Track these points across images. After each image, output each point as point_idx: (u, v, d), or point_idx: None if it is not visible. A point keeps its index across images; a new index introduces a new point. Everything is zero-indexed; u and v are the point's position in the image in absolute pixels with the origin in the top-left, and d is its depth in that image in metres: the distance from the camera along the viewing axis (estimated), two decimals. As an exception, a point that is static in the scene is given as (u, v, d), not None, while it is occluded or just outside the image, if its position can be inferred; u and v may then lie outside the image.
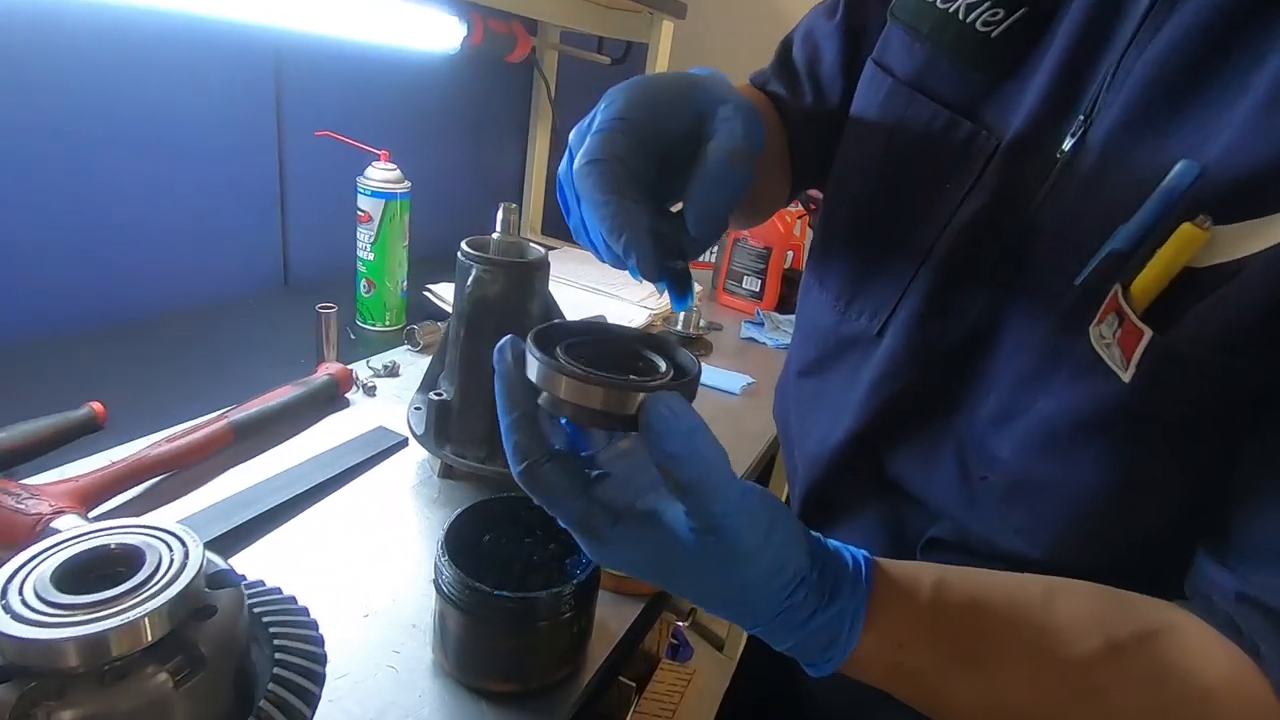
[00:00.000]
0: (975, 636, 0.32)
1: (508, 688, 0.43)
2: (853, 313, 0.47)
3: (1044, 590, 0.33)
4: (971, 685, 0.32)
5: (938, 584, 0.33)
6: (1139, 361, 0.31)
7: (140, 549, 0.31)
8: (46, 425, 0.59)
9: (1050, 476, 0.36)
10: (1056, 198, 0.37)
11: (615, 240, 0.32)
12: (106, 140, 0.79)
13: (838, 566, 0.32)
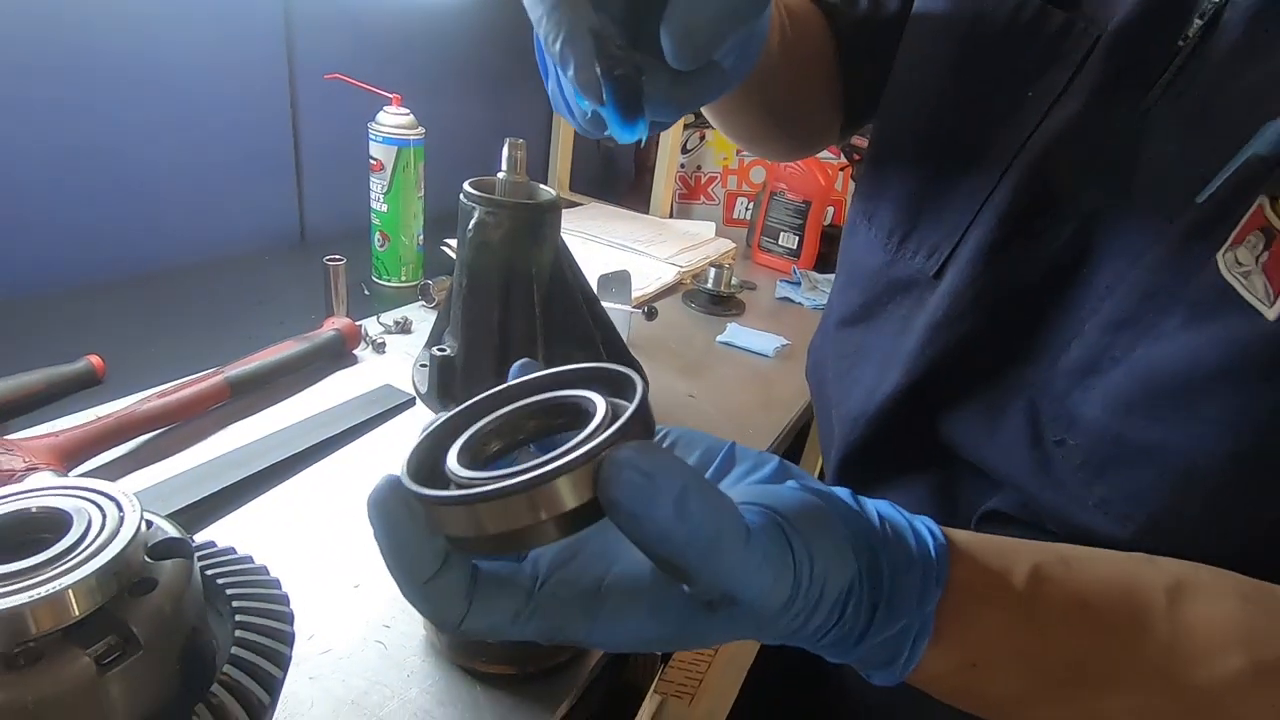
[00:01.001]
0: (1076, 656, 0.25)
1: (503, 670, 0.39)
2: (907, 250, 0.41)
3: (1170, 585, 0.26)
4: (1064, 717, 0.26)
5: (1034, 576, 0.26)
6: None
7: (67, 513, 0.27)
8: (39, 378, 0.57)
9: (1152, 440, 0.29)
10: (1175, 97, 0.30)
11: (552, 47, 0.26)
12: (111, 85, 0.76)
13: (898, 559, 0.25)
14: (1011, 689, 0.26)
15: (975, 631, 0.25)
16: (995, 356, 0.36)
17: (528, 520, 0.20)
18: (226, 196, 0.91)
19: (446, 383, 0.56)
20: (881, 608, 0.24)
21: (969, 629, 0.25)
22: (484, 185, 0.53)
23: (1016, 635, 0.26)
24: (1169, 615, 0.25)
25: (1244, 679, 0.24)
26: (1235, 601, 0.26)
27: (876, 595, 0.24)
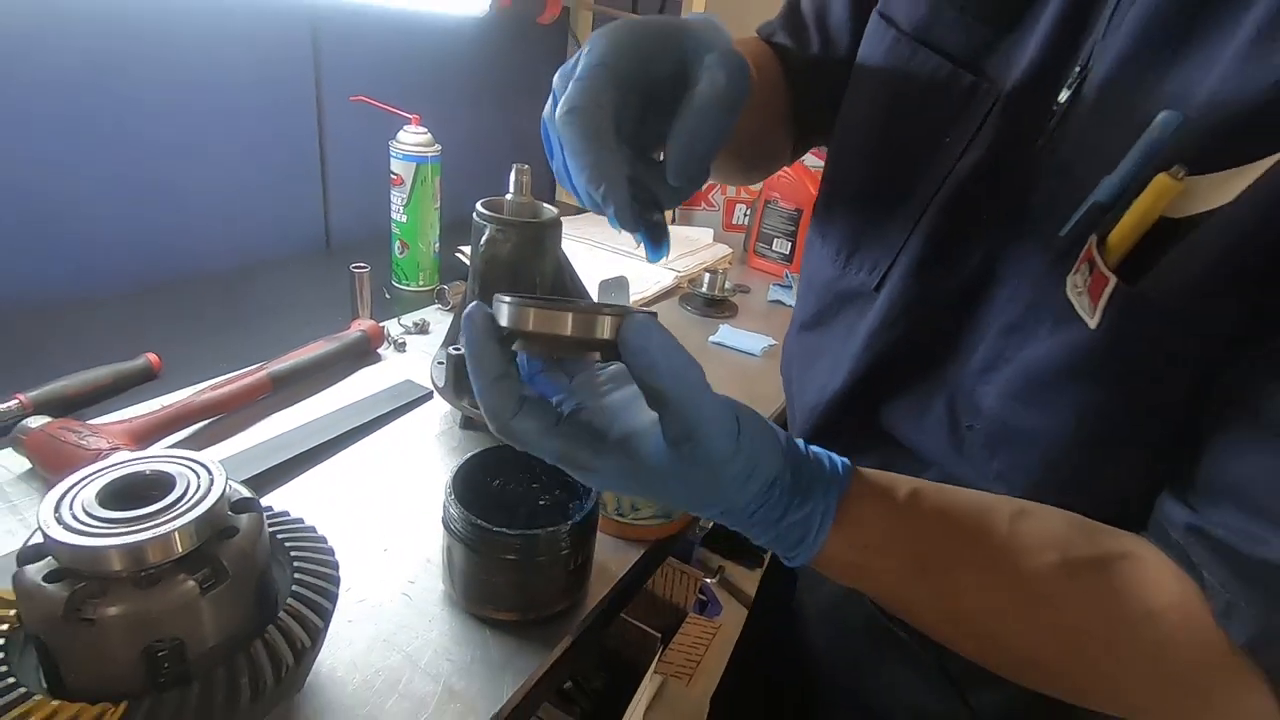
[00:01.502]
0: (938, 545, 0.34)
1: (508, 616, 0.47)
2: (853, 266, 0.48)
3: (1014, 510, 0.34)
4: (929, 591, 0.34)
5: (912, 494, 0.35)
6: (1104, 309, 0.31)
7: (172, 475, 0.35)
8: (106, 373, 0.65)
9: (1027, 424, 0.37)
10: (1051, 150, 0.37)
11: (594, 189, 0.34)
12: (160, 110, 0.84)
13: (815, 470, 0.34)
14: (889, 569, 0.34)
15: (865, 525, 0.34)
16: (922, 358, 0.43)
17: (575, 333, 0.29)
18: (260, 207, 1.00)
19: (461, 378, 0.63)
20: (799, 497, 0.33)
21: (860, 522, 0.34)
22: (494, 205, 0.61)
23: (894, 529, 0.34)
24: (1009, 525, 0.33)
25: (1057, 570, 0.32)
26: (1060, 522, 0.34)
27: (795, 488, 0.33)
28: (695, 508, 0.33)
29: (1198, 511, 0.31)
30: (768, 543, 0.34)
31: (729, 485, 0.31)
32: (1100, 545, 0.33)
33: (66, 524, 0.31)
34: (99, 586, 0.31)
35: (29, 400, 0.59)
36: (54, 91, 0.75)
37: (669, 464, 0.30)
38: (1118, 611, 0.32)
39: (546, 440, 0.31)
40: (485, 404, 0.31)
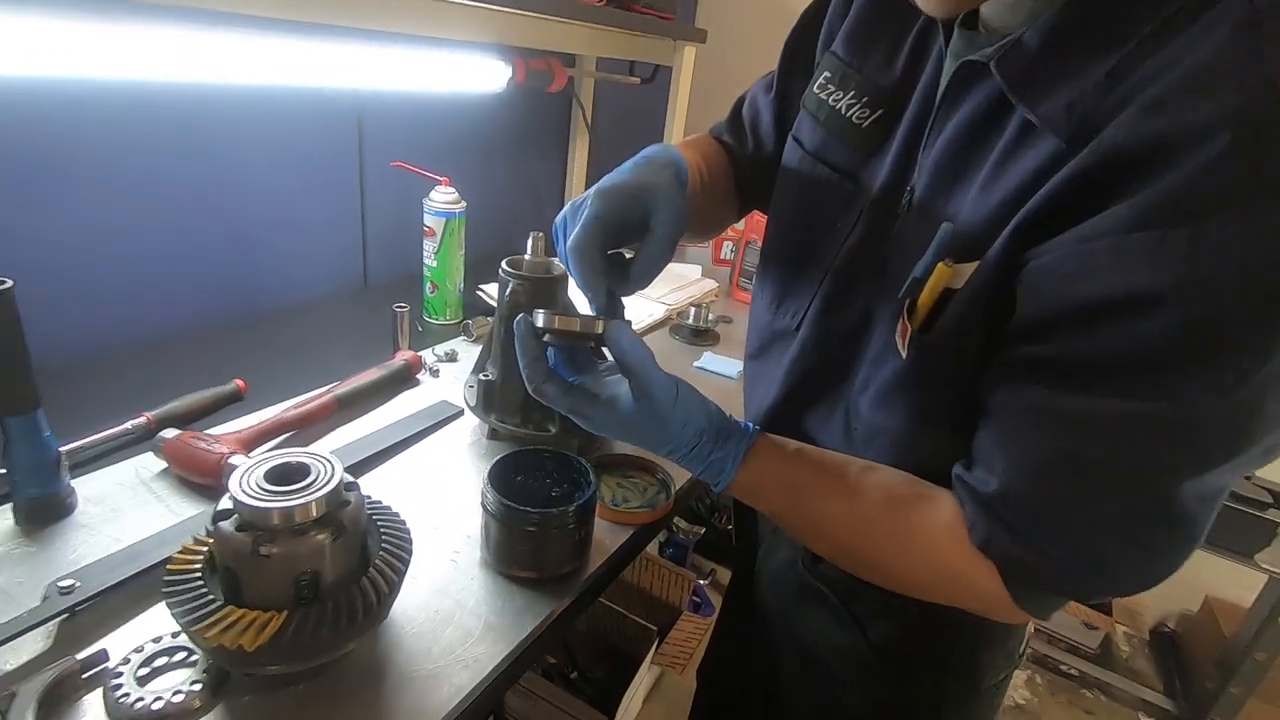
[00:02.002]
0: (807, 482, 0.53)
1: (529, 575, 0.63)
2: (781, 313, 0.65)
3: (864, 466, 0.53)
4: (798, 510, 0.54)
5: (797, 450, 0.55)
6: (907, 347, 0.48)
7: (309, 464, 0.51)
8: (208, 395, 0.82)
9: (883, 424, 0.54)
10: (897, 238, 0.53)
11: (584, 291, 0.54)
12: (236, 179, 1.02)
13: (733, 428, 0.54)
14: (775, 495, 0.55)
15: (761, 465, 0.54)
16: (827, 381, 0.60)
17: (580, 329, 0.50)
18: (310, 254, 1.18)
19: (489, 398, 0.80)
20: (719, 443, 0.53)
21: (759, 463, 0.54)
22: (515, 263, 0.78)
23: (780, 470, 0.54)
24: (857, 474, 0.52)
25: (880, 501, 0.51)
26: (894, 475, 0.52)
27: (717, 437, 0.53)
28: (655, 446, 0.52)
29: (968, 470, 0.48)
30: (699, 473, 0.54)
31: (673, 429, 0.51)
32: (915, 489, 0.51)
33: (247, 493, 0.48)
34: (268, 535, 0.48)
35: (154, 417, 0.76)
36: (159, 164, 0.94)
37: (635, 414, 0.50)
38: (912, 526, 0.50)
39: (561, 398, 0.51)
40: (526, 374, 0.52)
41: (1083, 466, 0.42)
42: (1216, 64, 0.36)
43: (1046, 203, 0.41)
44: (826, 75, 0.60)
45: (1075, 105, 0.41)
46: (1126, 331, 0.38)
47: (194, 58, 0.78)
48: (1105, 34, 0.40)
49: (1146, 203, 0.37)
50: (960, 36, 0.49)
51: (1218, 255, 0.35)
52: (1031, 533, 0.44)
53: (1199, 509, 0.41)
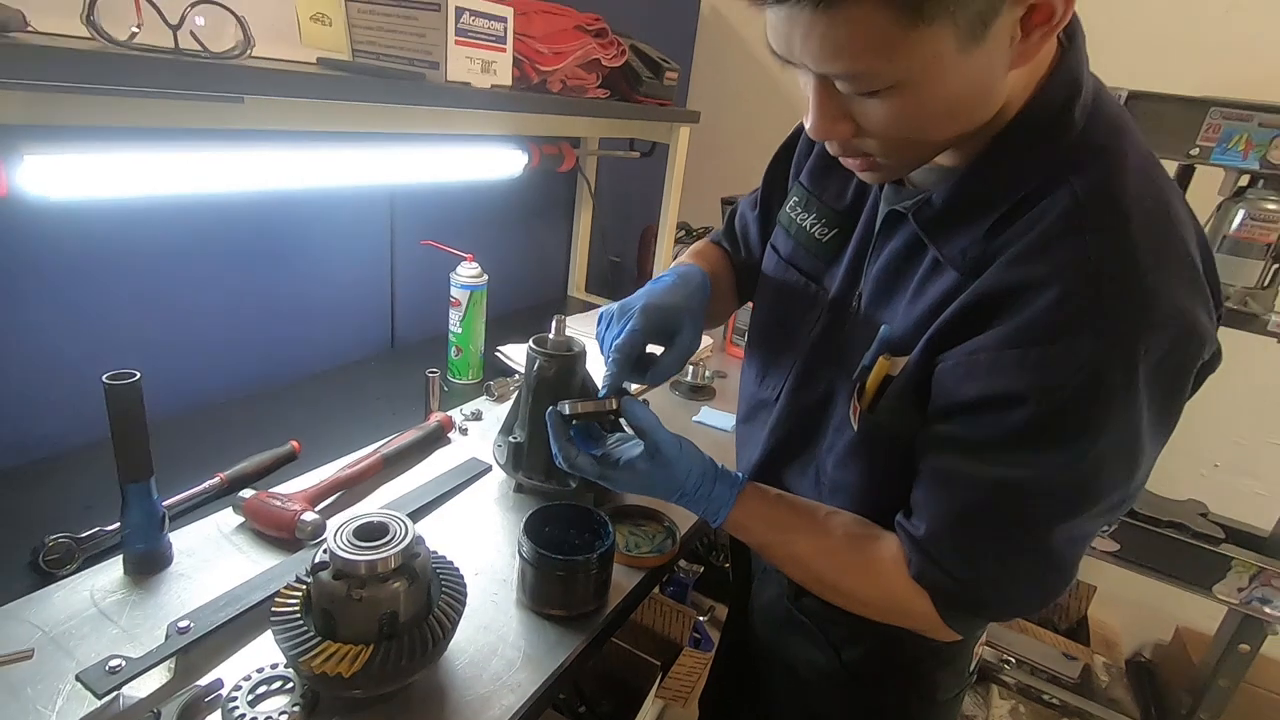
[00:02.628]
0: (783, 521, 0.67)
1: (559, 613, 0.75)
2: (764, 385, 0.78)
3: (829, 511, 0.67)
4: (777, 542, 0.67)
5: (778, 496, 0.68)
6: (857, 423, 0.61)
7: (388, 523, 0.63)
8: (270, 456, 0.94)
9: (844, 480, 0.67)
10: (851, 332, 0.67)
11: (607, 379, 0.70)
12: (287, 260, 1.16)
13: (726, 475, 0.69)
14: (759, 529, 0.68)
15: (748, 506, 0.68)
16: (800, 443, 0.72)
17: (595, 409, 0.68)
18: (346, 322, 1.31)
19: (517, 458, 0.93)
20: (715, 487, 0.67)
21: (746, 505, 0.68)
22: (541, 341, 0.91)
23: (763, 510, 0.68)
24: (824, 516, 0.65)
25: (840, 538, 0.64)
26: (852, 519, 0.65)
27: (715, 482, 0.67)
28: (666, 495, 0.66)
29: (907, 518, 0.61)
30: (701, 511, 0.67)
31: (679, 477, 0.65)
32: (868, 530, 0.64)
33: (341, 547, 0.60)
34: (359, 582, 0.59)
35: (226, 477, 0.88)
36: (231, 251, 1.07)
37: (650, 470, 0.64)
38: (866, 559, 0.63)
39: (590, 466, 0.66)
40: (560, 452, 0.67)
41: (980, 518, 0.56)
42: (1052, 234, 0.51)
43: (949, 321, 0.55)
44: (795, 200, 0.74)
45: (967, 250, 0.55)
46: (1001, 419, 0.52)
47: (256, 169, 0.93)
48: (985, 201, 0.55)
49: (1011, 329, 0.51)
50: (890, 187, 0.64)
51: (1059, 368, 0.49)
52: (950, 567, 0.58)
53: (1068, 549, 0.56)
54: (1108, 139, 0.53)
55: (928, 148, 0.55)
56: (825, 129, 0.54)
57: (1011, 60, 0.49)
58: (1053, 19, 0.47)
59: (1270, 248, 1.31)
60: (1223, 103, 1.28)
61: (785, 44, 0.49)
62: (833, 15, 0.44)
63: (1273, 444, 1.77)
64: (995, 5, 0.45)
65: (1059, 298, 0.49)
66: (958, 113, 0.51)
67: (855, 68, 0.47)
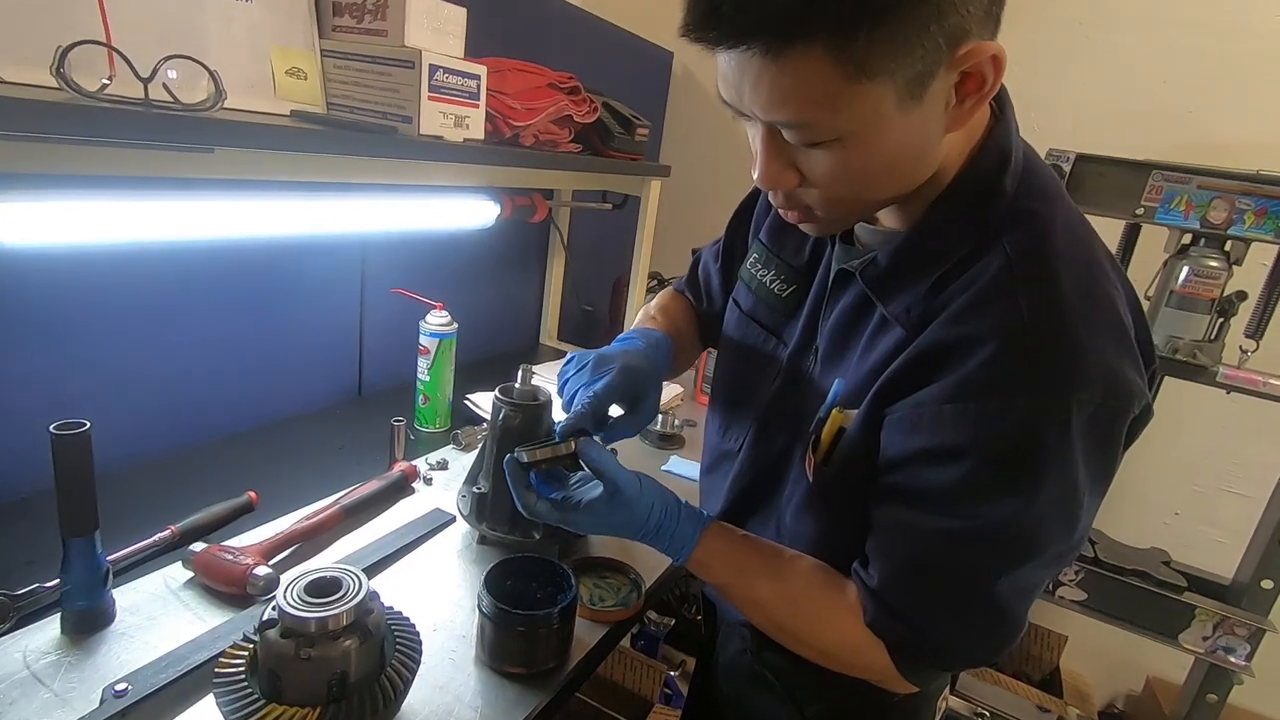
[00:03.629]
0: (747, 562, 0.66)
1: (519, 670, 0.73)
2: (728, 437, 0.78)
3: (794, 555, 0.66)
4: (738, 584, 0.66)
5: (743, 537, 0.68)
6: (812, 474, 0.62)
7: (341, 578, 0.62)
8: (225, 508, 0.92)
9: (802, 531, 0.67)
10: (808, 385, 0.68)
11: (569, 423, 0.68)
12: (258, 307, 1.15)
13: (691, 513, 0.68)
14: (721, 570, 0.67)
15: (712, 546, 0.67)
16: (761, 494, 0.73)
17: (552, 454, 0.68)
18: (313, 369, 1.29)
19: (480, 509, 0.91)
20: (678, 524, 0.66)
21: (710, 544, 0.67)
22: (507, 390, 0.91)
23: (727, 550, 0.67)
24: (787, 560, 0.65)
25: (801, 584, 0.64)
26: (813, 564, 0.65)
27: (677, 519, 0.66)
28: (629, 533, 0.65)
29: (863, 567, 0.61)
30: (664, 548, 0.66)
31: (639, 513, 0.64)
32: (829, 577, 0.64)
33: (290, 603, 0.58)
34: (306, 640, 0.57)
35: (177, 530, 0.86)
36: (196, 299, 1.06)
37: (609, 509, 0.63)
38: (825, 606, 0.63)
39: (551, 513, 0.65)
40: (520, 501, 0.66)
41: (928, 568, 0.57)
42: (987, 294, 0.53)
43: (895, 375, 0.57)
44: (755, 256, 0.77)
45: (911, 308, 0.57)
46: (943, 472, 0.54)
47: (226, 218, 0.93)
48: (926, 262, 0.57)
49: (951, 384, 0.53)
50: (840, 247, 0.67)
51: (995, 423, 0.51)
52: (904, 616, 0.59)
53: (1014, 600, 0.57)
54: (1038, 204, 0.56)
55: (866, 203, 0.58)
56: (772, 178, 0.56)
57: (947, 124, 0.52)
58: (984, 87, 0.50)
59: (1214, 302, 1.37)
60: (1163, 166, 1.35)
61: (735, 92, 0.51)
62: (781, 64, 0.47)
63: (1229, 492, 1.81)
64: (932, 69, 0.48)
65: (993, 355, 0.51)
66: (896, 169, 0.54)
67: (801, 117, 0.49)
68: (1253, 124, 1.61)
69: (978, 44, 0.48)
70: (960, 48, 0.48)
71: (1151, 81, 1.67)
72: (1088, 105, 1.71)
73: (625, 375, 0.71)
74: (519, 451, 0.68)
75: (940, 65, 0.48)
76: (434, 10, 0.99)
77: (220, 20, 0.88)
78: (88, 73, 0.70)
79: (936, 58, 0.47)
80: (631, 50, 1.93)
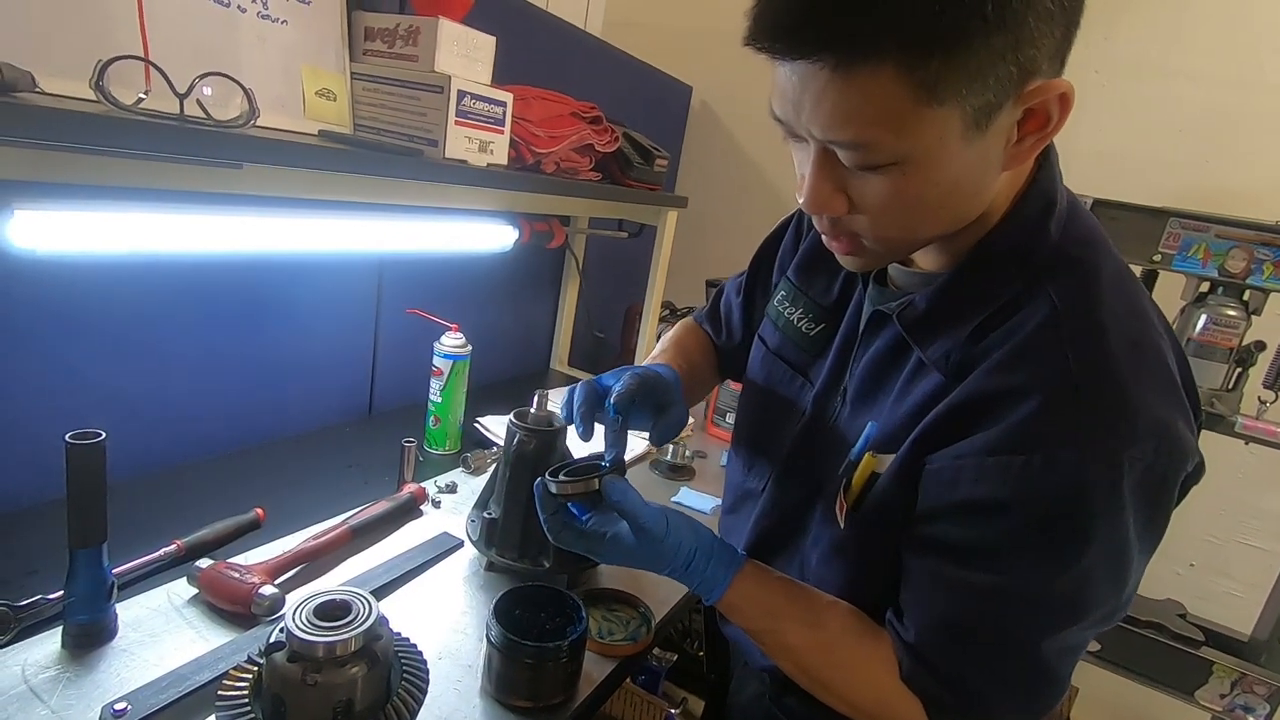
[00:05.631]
0: (780, 607, 0.63)
1: (526, 704, 0.71)
2: (751, 477, 0.77)
3: (830, 601, 0.64)
4: (770, 629, 0.63)
5: (778, 580, 0.65)
6: (844, 519, 0.60)
7: (351, 602, 0.60)
8: (231, 524, 0.90)
9: (827, 577, 0.65)
10: (835, 426, 0.67)
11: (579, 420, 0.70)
12: (274, 322, 1.15)
13: (724, 551, 0.66)
14: (754, 614, 0.64)
15: (746, 588, 0.64)
16: (785, 536, 0.71)
17: (582, 489, 0.65)
18: (324, 387, 1.29)
19: (490, 535, 0.90)
20: (710, 563, 0.64)
21: (744, 586, 0.64)
22: (522, 415, 0.90)
23: (761, 594, 0.64)
24: (823, 607, 0.62)
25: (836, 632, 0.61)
26: (849, 612, 0.62)
27: (708, 558, 0.64)
28: (656, 569, 0.63)
29: (898, 619, 0.59)
30: (694, 587, 0.64)
31: (668, 553, 0.62)
32: (865, 625, 0.62)
33: (298, 627, 0.57)
34: (314, 665, 0.56)
35: (183, 545, 0.84)
36: (215, 312, 1.06)
37: (635, 545, 0.61)
38: (860, 656, 0.60)
39: (577, 540, 0.63)
40: (547, 526, 0.64)
41: (967, 624, 0.55)
42: (1031, 343, 0.52)
43: (935, 423, 0.55)
44: (783, 294, 0.76)
45: (951, 353, 0.56)
46: (986, 526, 0.52)
47: (248, 232, 0.93)
48: (967, 307, 0.56)
49: (995, 437, 0.51)
50: (874, 288, 0.66)
51: (1041, 479, 0.49)
52: (940, 673, 0.56)
53: (1058, 661, 0.54)
54: (1082, 251, 0.55)
55: (914, 237, 0.56)
56: (821, 202, 0.53)
57: (1004, 161, 0.51)
58: (1047, 126, 0.49)
59: (1233, 352, 1.36)
60: (1181, 214, 1.35)
61: (794, 108, 0.49)
62: (848, 80, 0.45)
63: (1244, 544, 1.78)
64: (1000, 100, 0.46)
65: (1039, 408, 0.50)
66: (950, 203, 0.52)
67: (863, 137, 0.47)
68: (1270, 174, 1.62)
69: (1047, 81, 0.47)
70: (1030, 83, 0.47)
71: (1168, 130, 1.69)
72: (1105, 152, 1.72)
73: (642, 380, 0.71)
74: (549, 482, 0.67)
75: (1009, 98, 0.47)
76: (465, 38, 1.00)
77: (255, 40, 0.90)
78: (125, 87, 0.71)
79: (1007, 90, 0.46)
80: (653, 82, 1.96)
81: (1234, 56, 1.61)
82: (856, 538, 0.61)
